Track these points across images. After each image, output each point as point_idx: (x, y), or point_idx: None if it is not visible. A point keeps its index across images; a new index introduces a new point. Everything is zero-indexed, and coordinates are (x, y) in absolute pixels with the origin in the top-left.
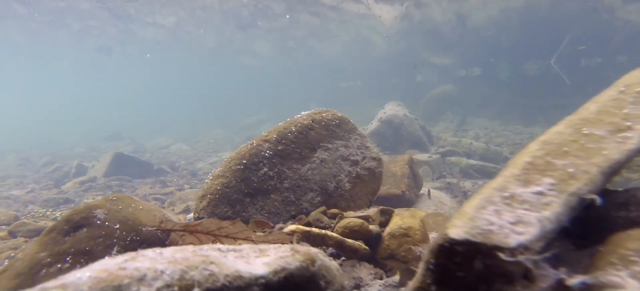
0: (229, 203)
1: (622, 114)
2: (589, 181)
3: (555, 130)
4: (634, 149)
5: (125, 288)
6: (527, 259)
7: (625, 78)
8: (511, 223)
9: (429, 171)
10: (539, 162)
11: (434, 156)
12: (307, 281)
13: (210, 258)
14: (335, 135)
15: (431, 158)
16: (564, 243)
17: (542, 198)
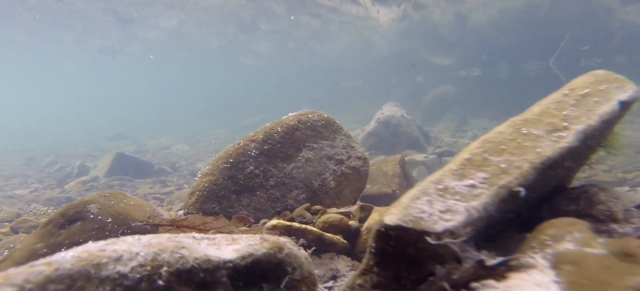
0: (217, 200)
1: (562, 115)
2: (520, 176)
3: (497, 130)
4: (567, 147)
5: (103, 267)
6: (452, 242)
7: (572, 82)
8: (441, 211)
9: (425, 171)
10: (476, 158)
11: (431, 156)
12: (274, 266)
13: (182, 244)
14: (321, 135)
15: (428, 158)
16: (508, 232)
17: (473, 190)
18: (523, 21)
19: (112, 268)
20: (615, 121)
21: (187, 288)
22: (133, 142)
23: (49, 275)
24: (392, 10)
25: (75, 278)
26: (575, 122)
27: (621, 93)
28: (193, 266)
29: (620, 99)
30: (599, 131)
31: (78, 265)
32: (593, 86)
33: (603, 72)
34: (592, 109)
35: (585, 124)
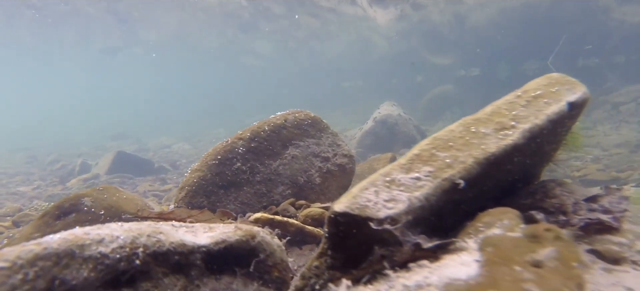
0: (205, 194)
1: (511, 115)
2: (463, 170)
3: (449, 128)
4: (512, 144)
5: (87, 247)
6: (392, 228)
7: (527, 84)
8: (385, 200)
9: None
10: (425, 154)
11: None
12: (247, 253)
13: (159, 230)
14: (307, 134)
15: None
16: (466, 223)
17: (418, 182)
18: (522, 21)
19: (95, 249)
20: (565, 120)
21: (163, 268)
22: (135, 141)
23: (38, 252)
24: (389, 11)
25: (62, 256)
26: (523, 121)
27: (571, 95)
28: (169, 249)
29: (569, 100)
30: (547, 130)
31: (64, 245)
32: (545, 88)
33: (557, 75)
34: (540, 109)
35: (532, 123)
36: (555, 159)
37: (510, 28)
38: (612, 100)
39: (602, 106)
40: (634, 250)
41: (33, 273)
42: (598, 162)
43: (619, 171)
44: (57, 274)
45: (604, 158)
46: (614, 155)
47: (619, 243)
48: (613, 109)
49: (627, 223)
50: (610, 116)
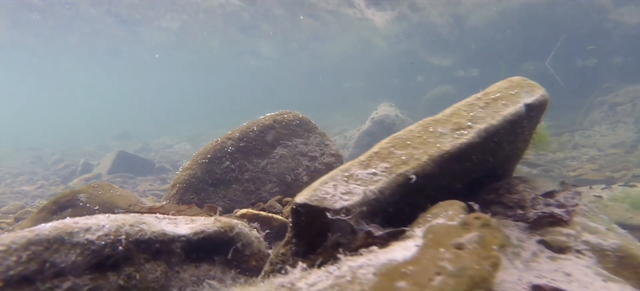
0: (195, 191)
1: (469, 116)
2: (417, 166)
3: (409, 128)
4: (466, 143)
5: (75, 234)
6: (345, 218)
7: (489, 87)
8: (342, 193)
9: None
10: (383, 152)
11: None
12: (225, 243)
13: (143, 220)
14: (296, 134)
15: None
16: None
17: (374, 177)
18: (521, 22)
19: (82, 236)
20: (522, 121)
21: (145, 255)
22: (138, 141)
23: (30, 238)
24: (386, 13)
25: (52, 241)
26: (480, 122)
27: (528, 97)
28: (150, 238)
29: (526, 102)
30: (503, 130)
31: (54, 232)
32: (505, 90)
33: (518, 79)
34: (498, 111)
35: (488, 123)
36: (523, 157)
37: (509, 29)
38: (610, 100)
39: (600, 106)
40: (580, 240)
41: (26, 256)
42: (594, 162)
43: (614, 171)
44: (48, 257)
45: (600, 158)
46: (609, 155)
47: (567, 234)
48: (610, 110)
49: (578, 216)
50: (607, 117)
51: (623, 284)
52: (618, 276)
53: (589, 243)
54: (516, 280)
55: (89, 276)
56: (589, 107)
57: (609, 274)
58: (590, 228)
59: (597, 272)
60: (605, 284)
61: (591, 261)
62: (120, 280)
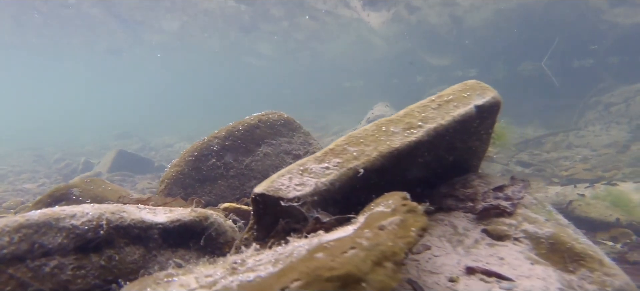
0: (183, 187)
1: (421, 117)
2: (367, 161)
3: (364, 127)
4: (415, 141)
5: (61, 220)
6: (297, 205)
7: (444, 90)
8: (296, 184)
9: None
10: (338, 148)
11: None
12: (200, 231)
13: (123, 209)
14: (280, 133)
15: None
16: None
17: (326, 171)
18: (518, 22)
19: (68, 221)
20: (473, 121)
21: (125, 239)
22: (139, 141)
23: (21, 223)
24: (381, 14)
25: (41, 225)
26: (430, 122)
27: (479, 99)
28: (129, 224)
29: (477, 104)
30: (453, 129)
31: (43, 218)
32: (459, 93)
33: (472, 82)
34: (448, 112)
35: (438, 123)
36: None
37: (506, 29)
38: (605, 101)
39: (595, 106)
40: (519, 229)
41: (17, 238)
42: (586, 162)
43: (605, 171)
44: (37, 239)
45: (593, 158)
46: (602, 155)
47: (509, 224)
48: (604, 110)
49: (523, 208)
50: (601, 117)
51: (547, 266)
52: (548, 260)
53: (527, 231)
54: (455, 263)
55: (74, 256)
56: (583, 107)
57: (539, 258)
58: (530, 218)
59: (528, 257)
60: (532, 266)
61: (526, 247)
62: (102, 261)
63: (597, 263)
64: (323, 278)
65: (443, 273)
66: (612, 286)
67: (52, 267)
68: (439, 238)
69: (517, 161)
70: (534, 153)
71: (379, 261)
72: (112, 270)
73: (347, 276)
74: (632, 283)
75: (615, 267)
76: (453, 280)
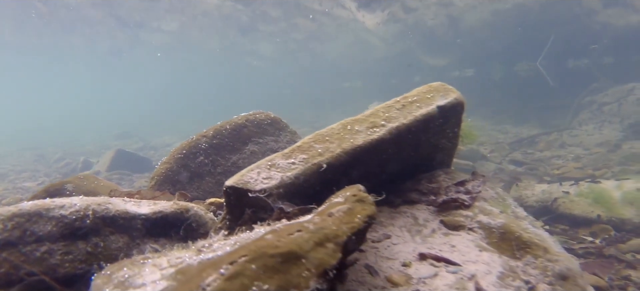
0: (171, 183)
1: (385, 116)
2: (331, 157)
3: (330, 126)
4: (377, 139)
5: (51, 210)
6: (263, 196)
7: (411, 92)
8: (263, 178)
9: None
10: (305, 145)
11: None
12: (181, 222)
13: (109, 201)
14: (267, 132)
15: None
16: None
17: (292, 166)
18: (514, 23)
19: (57, 211)
20: (435, 120)
21: (110, 229)
22: (139, 140)
23: (14, 212)
24: (376, 15)
25: (32, 215)
26: (393, 121)
27: (442, 100)
28: (114, 215)
29: (439, 104)
30: (415, 128)
31: (34, 208)
32: (423, 94)
33: (437, 84)
34: (411, 112)
35: (399, 122)
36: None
37: (503, 30)
38: (599, 100)
39: (589, 106)
40: (475, 220)
41: (10, 225)
42: (578, 161)
43: (596, 169)
44: (28, 227)
45: (585, 157)
46: (593, 154)
47: (466, 215)
48: (598, 110)
49: (481, 201)
50: (594, 116)
51: (493, 253)
52: (497, 248)
53: (481, 222)
54: (411, 250)
55: (62, 243)
56: (577, 107)
57: (488, 246)
58: (486, 210)
59: (477, 245)
60: (479, 253)
61: (478, 236)
62: (88, 247)
63: (542, 251)
64: (267, 255)
65: (398, 258)
66: (553, 271)
67: (42, 252)
68: (400, 228)
69: (511, 160)
70: (527, 152)
71: (321, 242)
72: (98, 256)
73: (289, 254)
74: (575, 268)
75: (559, 254)
76: (406, 265)
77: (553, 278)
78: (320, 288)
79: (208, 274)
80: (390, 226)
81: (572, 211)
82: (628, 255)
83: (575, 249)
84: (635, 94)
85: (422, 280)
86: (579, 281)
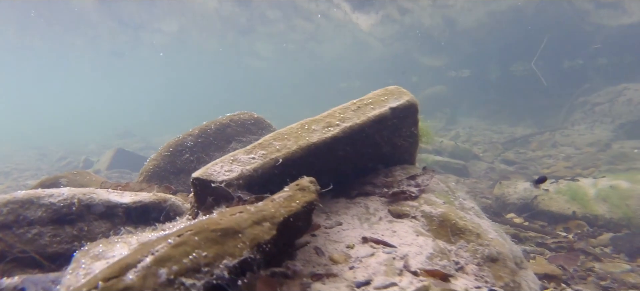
0: (159, 179)
1: (340, 117)
2: (288, 153)
3: (290, 126)
4: (331, 137)
5: (41, 198)
6: (223, 185)
7: (368, 94)
8: (225, 170)
9: None
10: (265, 143)
11: None
12: (160, 210)
13: (94, 191)
14: (250, 131)
15: None
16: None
17: (252, 160)
18: (510, 24)
19: (47, 199)
20: (387, 121)
21: (94, 215)
22: (140, 140)
23: (9, 199)
24: (370, 17)
25: (24, 202)
26: (347, 121)
27: (395, 102)
28: (98, 203)
29: (391, 106)
30: (368, 127)
31: (26, 196)
32: (378, 97)
33: (392, 87)
34: (365, 113)
35: (353, 122)
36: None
37: (499, 31)
38: (592, 101)
39: (582, 106)
40: (419, 210)
41: (5, 211)
42: (568, 160)
43: (584, 168)
44: (21, 212)
45: (575, 156)
46: (583, 153)
47: (412, 205)
48: (590, 110)
49: (428, 193)
50: (586, 116)
51: (428, 237)
52: (435, 233)
53: (423, 211)
54: (357, 235)
55: (51, 226)
56: (570, 107)
57: (425, 232)
58: (430, 201)
59: (416, 231)
60: (416, 237)
61: (419, 223)
62: (74, 231)
63: (474, 236)
64: (209, 229)
65: (344, 241)
66: (482, 254)
67: (33, 234)
68: (352, 217)
69: (503, 159)
70: (520, 152)
71: (258, 221)
72: (82, 238)
73: (228, 229)
74: (505, 252)
75: (492, 240)
76: (349, 247)
77: (481, 260)
78: (253, 257)
79: (159, 243)
80: (344, 214)
81: (550, 208)
82: (597, 249)
83: (548, 243)
84: (625, 94)
85: (359, 259)
86: (508, 264)
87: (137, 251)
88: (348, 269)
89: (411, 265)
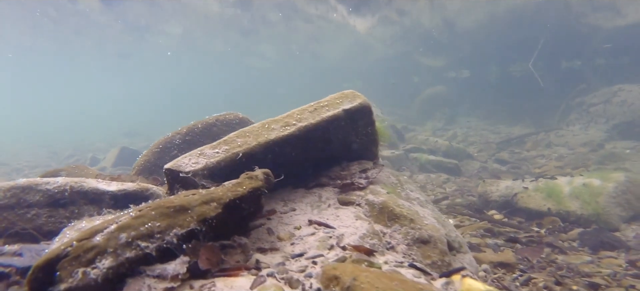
0: (149, 173)
1: (297, 117)
2: (248, 149)
3: (253, 125)
4: (286, 135)
5: (39, 185)
6: (189, 176)
7: (326, 97)
8: (193, 162)
9: (389, 165)
10: (229, 139)
11: (398, 152)
12: (141, 198)
13: (84, 181)
14: (235, 130)
15: (394, 153)
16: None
17: (216, 154)
18: (509, 25)
19: (44, 186)
20: (340, 121)
21: (84, 201)
22: (145, 139)
23: (12, 185)
24: (367, 19)
25: (25, 188)
26: (304, 121)
27: (348, 104)
28: (87, 190)
29: (345, 108)
30: (322, 127)
31: (27, 183)
32: (333, 100)
33: (348, 91)
34: (320, 114)
35: (308, 122)
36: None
37: (498, 32)
38: (587, 101)
39: (578, 107)
40: (364, 199)
41: (9, 195)
42: (560, 160)
43: (575, 168)
44: (22, 196)
45: (567, 156)
46: (576, 154)
47: (358, 195)
48: (585, 111)
49: (375, 184)
50: (581, 117)
51: (365, 221)
52: (374, 219)
53: (368, 200)
54: (305, 219)
55: (47, 209)
56: (566, 107)
57: (365, 217)
58: (375, 191)
59: (356, 216)
60: (354, 221)
61: (362, 210)
62: (67, 213)
63: (408, 221)
64: (164, 206)
65: (293, 224)
66: (413, 236)
67: (32, 214)
68: (306, 204)
69: (496, 159)
70: (514, 151)
71: (206, 201)
72: (73, 219)
73: (180, 206)
74: (438, 235)
75: (425, 225)
76: (296, 228)
77: (412, 241)
78: (200, 229)
79: (123, 216)
80: (300, 202)
81: (528, 204)
82: (565, 243)
83: (520, 238)
84: (620, 95)
85: (301, 237)
86: (439, 246)
87: (106, 221)
88: (289, 245)
89: (343, 242)
